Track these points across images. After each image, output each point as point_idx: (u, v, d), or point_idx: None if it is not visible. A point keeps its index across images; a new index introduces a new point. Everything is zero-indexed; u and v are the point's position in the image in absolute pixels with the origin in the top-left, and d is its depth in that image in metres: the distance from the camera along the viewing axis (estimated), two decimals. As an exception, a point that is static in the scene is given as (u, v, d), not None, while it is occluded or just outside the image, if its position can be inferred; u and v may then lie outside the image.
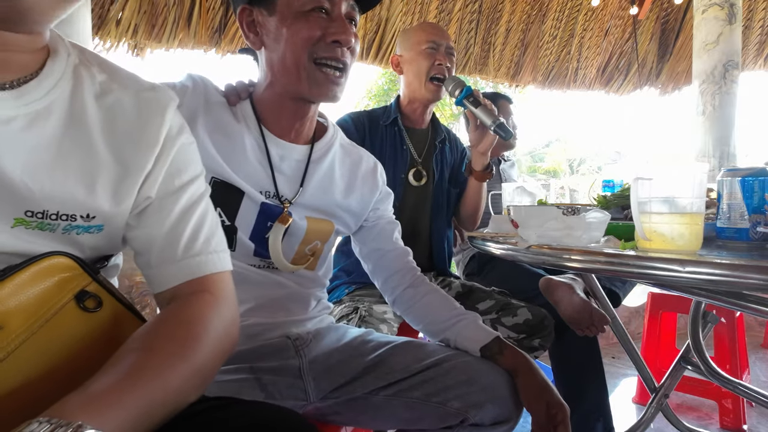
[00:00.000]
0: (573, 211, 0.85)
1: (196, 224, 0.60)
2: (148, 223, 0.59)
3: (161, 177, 0.58)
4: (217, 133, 0.85)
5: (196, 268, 0.59)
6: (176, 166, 0.60)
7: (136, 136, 0.56)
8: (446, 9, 3.85)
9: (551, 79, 4.38)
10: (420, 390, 0.83)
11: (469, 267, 1.90)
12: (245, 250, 0.88)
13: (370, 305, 1.28)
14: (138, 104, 0.57)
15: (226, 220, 0.86)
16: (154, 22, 3.11)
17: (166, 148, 0.58)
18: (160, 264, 0.59)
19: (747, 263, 0.59)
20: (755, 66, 4.45)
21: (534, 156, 19.69)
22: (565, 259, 0.80)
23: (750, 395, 1.54)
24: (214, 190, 0.81)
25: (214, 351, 0.55)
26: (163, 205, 0.59)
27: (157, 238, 0.59)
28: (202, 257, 0.60)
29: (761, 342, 2.99)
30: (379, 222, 1.05)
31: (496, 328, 1.33)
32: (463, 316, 0.95)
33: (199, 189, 0.63)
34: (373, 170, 1.04)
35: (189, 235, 0.59)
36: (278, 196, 0.89)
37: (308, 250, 0.95)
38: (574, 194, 6.92)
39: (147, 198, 0.58)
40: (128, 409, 0.44)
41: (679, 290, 1.11)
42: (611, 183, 1.52)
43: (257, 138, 0.88)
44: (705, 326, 1.64)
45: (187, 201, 0.60)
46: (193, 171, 0.62)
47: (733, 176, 0.85)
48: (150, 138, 0.57)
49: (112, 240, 0.58)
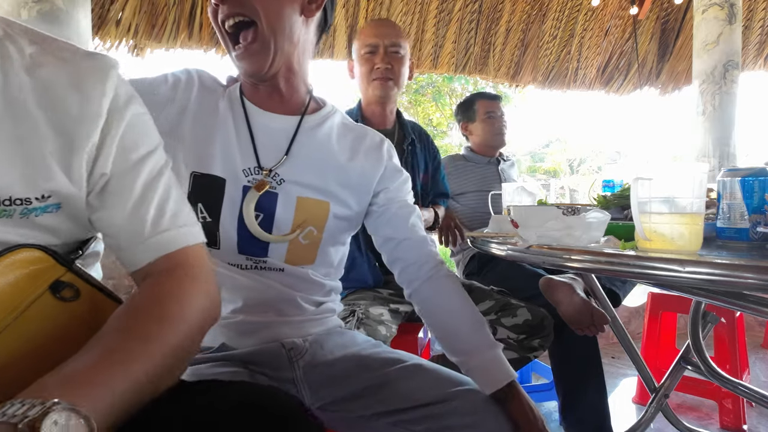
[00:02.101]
0: (573, 211, 0.85)
1: (160, 199, 0.58)
2: (110, 202, 0.56)
3: (114, 151, 0.55)
4: (202, 119, 0.84)
5: (166, 244, 0.57)
6: (130, 138, 0.57)
7: (77, 108, 0.53)
8: (446, 9, 3.85)
9: (551, 79, 4.37)
10: (422, 425, 0.79)
11: (469, 267, 1.91)
12: (229, 248, 0.84)
13: (366, 308, 1.28)
14: (76, 74, 0.53)
15: (207, 216, 0.83)
16: (154, 22, 3.11)
17: (113, 120, 0.55)
18: (129, 245, 0.57)
19: (747, 263, 0.59)
20: (755, 66, 4.45)
21: (534, 156, 19.68)
22: (565, 259, 0.80)
23: (750, 395, 1.54)
24: (194, 185, 0.83)
25: (192, 328, 0.54)
26: (122, 182, 0.56)
27: (121, 218, 0.56)
28: (171, 232, 0.58)
29: (761, 342, 2.99)
30: (389, 206, 0.95)
31: (496, 329, 1.33)
32: (484, 346, 0.87)
33: (159, 161, 0.60)
34: (379, 145, 0.96)
35: (155, 212, 0.57)
36: (259, 166, 0.84)
37: (303, 238, 0.87)
38: (574, 194, 6.92)
39: (102, 175, 0.55)
40: (105, 388, 0.43)
41: (679, 290, 1.11)
42: (611, 183, 1.52)
43: (240, 113, 0.86)
44: (705, 326, 1.64)
45: (148, 175, 0.58)
46: (150, 143, 0.59)
47: (733, 176, 0.85)
48: (91, 109, 0.53)
49: (77, 221, 0.57)
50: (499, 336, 1.34)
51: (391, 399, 0.82)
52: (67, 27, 2.26)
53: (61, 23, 2.25)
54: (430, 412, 0.80)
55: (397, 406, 0.81)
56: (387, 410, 0.82)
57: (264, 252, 0.86)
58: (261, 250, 0.86)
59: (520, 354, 1.34)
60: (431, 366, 0.87)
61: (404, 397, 0.81)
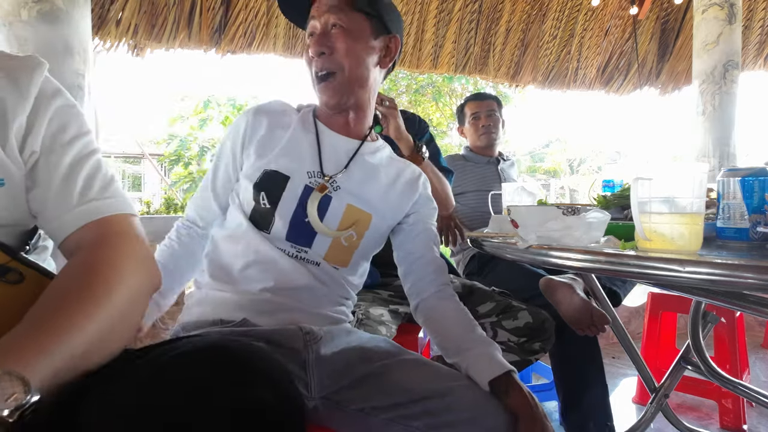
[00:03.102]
0: (573, 211, 0.85)
1: (88, 175, 0.63)
2: (40, 178, 0.61)
3: (42, 133, 0.62)
4: (277, 129, 1.01)
5: (95, 211, 0.61)
6: (57, 124, 0.63)
7: (7, 90, 0.60)
8: (446, 9, 3.85)
9: (551, 79, 4.37)
10: (421, 420, 0.81)
11: (469, 267, 1.91)
12: (278, 234, 0.96)
13: (367, 308, 1.28)
14: (9, 70, 0.62)
15: (267, 203, 0.96)
16: (154, 22, 3.12)
17: (41, 106, 0.62)
18: (58, 214, 0.61)
19: (747, 263, 0.59)
20: (755, 66, 4.45)
21: (534, 156, 19.68)
22: (565, 259, 0.80)
23: (750, 395, 1.54)
24: (262, 178, 0.97)
25: (132, 293, 0.56)
26: (50, 160, 0.62)
27: (50, 191, 0.61)
28: (99, 201, 0.62)
29: (761, 342, 2.99)
30: (416, 226, 1.09)
31: (497, 332, 1.33)
32: (480, 342, 0.92)
33: (88, 147, 0.66)
34: (417, 177, 1.11)
35: (82, 185, 0.62)
36: (322, 172, 0.99)
37: (344, 240, 1.00)
38: (574, 194, 6.93)
39: (32, 153, 0.61)
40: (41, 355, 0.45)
41: (679, 290, 1.11)
42: (611, 183, 1.52)
43: (311, 129, 1.04)
44: (705, 326, 1.64)
45: (76, 155, 0.63)
46: (77, 130, 0.65)
47: (733, 176, 0.85)
48: (20, 91, 0.61)
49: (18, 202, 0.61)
50: (500, 339, 1.33)
51: (389, 390, 0.84)
52: (67, 27, 2.26)
53: (61, 23, 2.25)
54: (428, 407, 0.81)
55: (395, 399, 0.83)
56: (386, 404, 0.83)
57: (309, 243, 0.97)
58: (306, 241, 0.97)
59: (521, 357, 1.33)
60: (431, 362, 0.90)
61: (402, 389, 0.83)
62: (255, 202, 0.97)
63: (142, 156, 15.29)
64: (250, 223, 0.97)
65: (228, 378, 0.46)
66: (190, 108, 12.97)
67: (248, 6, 3.32)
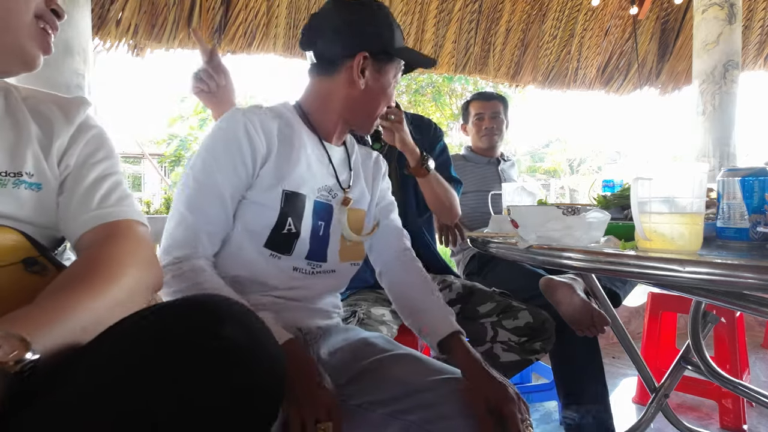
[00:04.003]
0: (573, 211, 0.85)
1: (108, 188, 0.74)
2: (68, 186, 0.72)
3: (77, 152, 0.74)
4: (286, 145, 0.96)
5: (108, 215, 0.71)
6: (90, 148, 0.76)
7: (55, 118, 0.74)
8: (446, 9, 3.85)
9: (551, 79, 4.37)
10: (416, 414, 0.82)
11: (469, 267, 1.91)
12: (300, 254, 0.95)
13: (368, 308, 1.28)
14: (58, 103, 0.76)
15: (293, 227, 0.93)
16: (154, 22, 3.11)
17: (80, 132, 0.75)
18: (76, 215, 0.70)
19: (747, 263, 0.60)
20: (755, 66, 4.45)
21: (534, 156, 19.68)
22: (565, 259, 0.80)
23: (750, 395, 1.54)
24: (286, 201, 0.94)
25: (133, 285, 0.63)
26: (80, 172, 0.73)
27: (74, 197, 0.71)
28: (115, 208, 0.72)
29: (761, 342, 2.99)
30: (380, 202, 1.15)
31: (497, 331, 1.33)
32: (432, 306, 1.00)
33: (112, 167, 0.77)
34: (377, 160, 1.17)
35: (102, 194, 0.72)
36: (339, 185, 1.03)
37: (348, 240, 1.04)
38: (574, 194, 6.92)
39: (67, 167, 0.73)
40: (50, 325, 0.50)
41: (679, 290, 1.11)
42: (611, 183, 1.52)
43: (316, 141, 1.02)
44: (705, 326, 1.64)
45: (101, 172, 0.74)
46: (104, 153, 0.77)
47: (733, 176, 0.85)
48: (66, 119, 0.75)
49: (49, 207, 0.70)
50: (501, 338, 1.33)
51: (384, 384, 0.85)
52: (67, 27, 2.26)
53: (62, 23, 2.24)
54: (423, 400, 0.82)
55: (390, 393, 0.84)
56: (381, 398, 0.84)
57: (324, 257, 0.99)
58: (322, 256, 0.99)
59: (522, 357, 1.33)
60: (424, 357, 0.91)
61: (395, 382, 0.85)
62: (277, 227, 0.91)
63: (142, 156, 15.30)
64: (264, 248, 0.92)
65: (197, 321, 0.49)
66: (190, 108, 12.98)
67: (248, 6, 3.32)
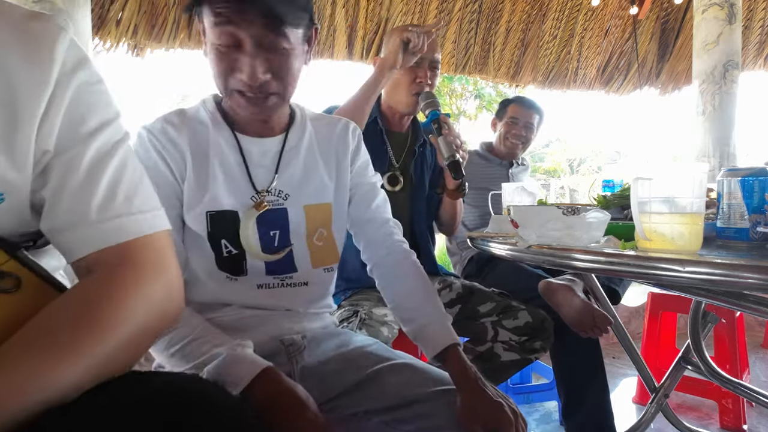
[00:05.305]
0: (573, 211, 0.85)
1: (111, 180, 0.51)
2: (54, 176, 0.49)
3: (58, 124, 0.48)
4: (199, 154, 0.86)
5: (115, 233, 0.50)
6: (77, 110, 0.49)
7: (22, 76, 0.45)
8: (446, 9, 3.85)
9: (551, 79, 4.37)
10: (413, 424, 0.80)
11: (467, 269, 1.90)
12: (257, 272, 0.89)
13: (370, 309, 1.28)
14: (19, 38, 0.46)
15: (233, 249, 0.87)
16: (154, 22, 3.11)
17: (60, 89, 0.48)
18: (70, 226, 0.49)
19: (747, 263, 0.59)
20: (755, 66, 4.44)
21: (534, 156, 19.67)
22: (565, 259, 0.80)
23: (750, 395, 1.54)
24: (212, 223, 0.85)
25: (135, 332, 0.47)
26: (67, 159, 0.49)
27: (63, 195, 0.49)
28: (123, 219, 0.50)
29: (761, 342, 2.99)
30: (358, 189, 1.02)
31: (498, 331, 1.33)
32: (430, 315, 0.92)
33: (113, 136, 0.52)
34: (344, 130, 1.01)
35: (104, 193, 0.50)
36: (255, 189, 0.88)
37: (316, 240, 0.94)
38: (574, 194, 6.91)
39: (45, 152, 0.48)
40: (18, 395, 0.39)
41: (679, 290, 1.11)
42: (611, 183, 1.52)
43: (233, 142, 0.89)
44: (705, 326, 1.64)
45: (97, 152, 0.50)
46: (102, 115, 0.51)
47: (733, 176, 0.85)
48: (38, 77, 0.46)
49: (21, 216, 0.49)
50: (501, 338, 1.34)
51: (379, 395, 0.83)
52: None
53: (61, 23, 2.24)
54: (421, 410, 0.80)
55: (386, 404, 0.82)
56: (377, 408, 0.82)
57: (291, 267, 0.91)
58: (288, 267, 0.91)
59: (522, 356, 1.34)
60: (421, 365, 0.88)
61: (392, 394, 0.82)
62: (215, 251, 0.86)
63: (142, 156, 15.27)
64: (219, 271, 0.87)
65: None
66: (190, 108, 12.92)
67: (248, 6, 3.32)
